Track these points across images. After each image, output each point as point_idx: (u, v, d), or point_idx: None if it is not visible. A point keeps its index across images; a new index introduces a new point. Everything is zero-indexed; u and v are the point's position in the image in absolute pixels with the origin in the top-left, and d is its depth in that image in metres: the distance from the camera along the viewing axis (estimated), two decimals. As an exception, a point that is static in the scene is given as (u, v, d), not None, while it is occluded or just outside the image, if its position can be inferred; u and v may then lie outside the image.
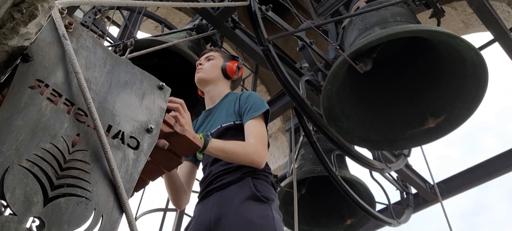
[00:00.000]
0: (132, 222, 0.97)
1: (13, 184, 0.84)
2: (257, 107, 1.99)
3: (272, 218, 1.80)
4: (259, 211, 1.80)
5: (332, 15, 3.34)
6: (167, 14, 5.50)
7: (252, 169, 1.90)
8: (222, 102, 2.15)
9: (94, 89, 1.05)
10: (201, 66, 2.22)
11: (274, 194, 1.92)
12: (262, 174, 1.94)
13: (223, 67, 2.20)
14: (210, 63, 2.23)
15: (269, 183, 1.94)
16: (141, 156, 1.07)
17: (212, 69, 2.20)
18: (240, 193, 1.85)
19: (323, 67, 3.07)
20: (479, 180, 4.15)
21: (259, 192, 1.84)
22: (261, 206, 1.82)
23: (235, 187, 1.88)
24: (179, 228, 3.72)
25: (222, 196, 1.88)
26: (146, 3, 2.27)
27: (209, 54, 2.27)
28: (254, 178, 1.89)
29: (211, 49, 2.33)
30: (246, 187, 1.86)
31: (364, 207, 3.44)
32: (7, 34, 0.91)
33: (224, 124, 2.03)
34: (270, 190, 1.91)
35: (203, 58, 2.27)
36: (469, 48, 2.30)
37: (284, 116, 5.29)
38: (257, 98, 2.06)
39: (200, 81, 2.21)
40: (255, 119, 1.95)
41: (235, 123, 2.00)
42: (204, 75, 2.19)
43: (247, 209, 1.79)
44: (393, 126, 2.75)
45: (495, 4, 4.61)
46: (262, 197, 1.84)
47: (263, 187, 1.88)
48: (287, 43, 5.34)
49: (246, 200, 1.82)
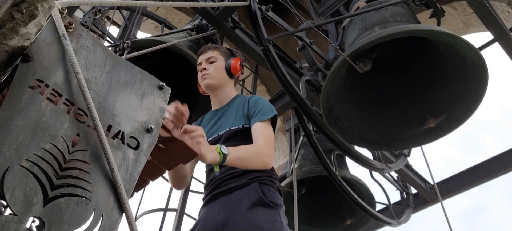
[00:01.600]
0: (132, 222, 0.97)
1: (13, 184, 0.84)
2: (266, 111, 1.98)
3: (280, 223, 1.80)
4: (267, 216, 1.79)
5: (332, 15, 3.33)
6: (167, 14, 5.50)
7: (259, 175, 1.90)
8: (230, 104, 2.12)
9: (94, 89, 1.05)
10: (206, 72, 2.13)
11: (281, 200, 1.92)
12: (269, 179, 1.93)
13: (227, 67, 2.16)
14: (214, 66, 2.15)
15: (276, 189, 1.94)
16: (141, 156, 1.07)
17: (218, 74, 2.14)
18: (247, 198, 1.84)
19: (323, 67, 3.07)
20: (479, 180, 4.15)
21: (266, 198, 1.84)
22: (269, 211, 1.81)
23: (242, 192, 1.87)
24: (179, 228, 3.72)
25: (229, 200, 1.88)
26: (146, 3, 2.27)
27: (209, 55, 2.18)
28: (262, 184, 1.89)
29: (208, 47, 2.23)
30: (254, 192, 1.85)
31: (364, 207, 3.44)
32: (7, 34, 0.91)
33: (233, 127, 2.02)
34: (277, 196, 1.91)
35: (204, 61, 2.18)
36: (469, 48, 2.31)
37: (284, 116, 5.29)
38: (266, 103, 2.05)
39: (209, 87, 2.14)
40: (263, 122, 1.94)
41: (243, 126, 2.00)
42: (213, 81, 2.13)
43: (255, 214, 1.79)
44: (393, 126, 2.75)
45: (495, 4, 4.61)
46: (270, 203, 1.83)
47: (270, 192, 1.88)
48: (287, 43, 5.34)
49: (254, 205, 1.81)
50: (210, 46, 2.27)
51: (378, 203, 4.00)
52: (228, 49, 2.29)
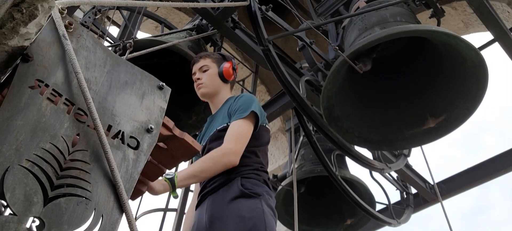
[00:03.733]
0: (132, 222, 0.97)
1: (13, 184, 0.84)
2: (245, 108, 2.01)
3: (262, 211, 1.81)
4: (249, 206, 1.82)
5: (332, 15, 3.33)
6: (167, 14, 5.49)
7: (243, 169, 1.92)
8: (222, 107, 2.18)
9: (94, 89, 1.05)
10: (200, 81, 2.20)
11: (266, 191, 1.93)
12: (253, 173, 1.95)
13: (220, 74, 2.21)
14: (206, 75, 2.21)
15: (260, 181, 1.95)
16: (141, 156, 1.07)
17: (211, 81, 2.20)
18: (229, 192, 1.87)
19: (323, 67, 3.07)
20: (479, 180, 4.15)
21: (247, 189, 1.86)
22: (251, 201, 1.84)
23: (225, 188, 1.90)
24: (179, 228, 3.72)
25: (215, 198, 1.91)
26: (146, 3, 2.28)
27: (201, 64, 2.24)
28: (243, 178, 1.91)
29: (200, 56, 2.29)
30: (235, 186, 1.88)
31: (364, 207, 3.44)
32: (7, 34, 0.91)
33: (219, 126, 2.06)
34: (260, 186, 1.92)
35: (198, 71, 2.24)
36: (469, 48, 2.30)
37: (284, 116, 5.29)
38: (247, 100, 2.07)
39: (204, 95, 2.22)
40: (240, 120, 1.97)
41: (227, 124, 2.03)
42: (207, 90, 2.20)
43: (237, 206, 1.82)
44: (393, 126, 2.75)
45: (495, 4, 4.60)
46: (251, 193, 1.86)
47: (251, 184, 1.90)
48: (287, 43, 5.34)
49: (235, 198, 1.84)
50: (201, 54, 2.32)
51: (378, 203, 3.99)
52: (219, 54, 2.36)
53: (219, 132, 2.04)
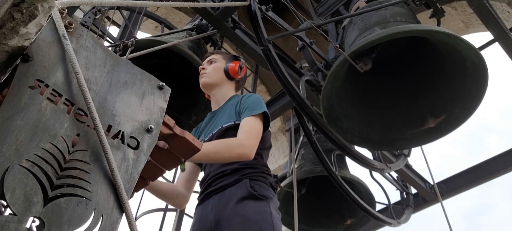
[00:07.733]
0: (132, 222, 0.97)
1: (13, 184, 0.84)
2: (256, 107, 2.00)
3: (270, 213, 1.81)
4: (256, 208, 1.81)
5: (332, 15, 3.33)
6: (167, 14, 5.50)
7: (251, 171, 1.91)
8: (226, 104, 2.16)
9: (94, 89, 1.04)
10: (204, 71, 2.23)
11: (272, 194, 1.93)
12: (261, 175, 1.95)
13: (225, 69, 2.21)
14: (212, 66, 2.23)
15: (267, 184, 1.95)
16: (141, 156, 1.07)
17: (215, 73, 2.21)
18: (237, 193, 1.86)
19: (323, 67, 3.07)
20: (480, 180, 4.14)
21: (255, 191, 1.85)
22: (258, 204, 1.83)
23: (233, 189, 1.89)
24: (179, 228, 3.73)
25: (221, 198, 1.90)
26: (146, 3, 2.28)
27: (210, 57, 2.28)
28: (252, 180, 1.90)
29: (212, 52, 2.34)
30: (243, 188, 1.87)
31: (364, 207, 3.44)
32: (7, 34, 0.91)
33: (225, 124, 2.05)
34: (268, 190, 1.92)
35: (206, 62, 2.28)
36: (469, 48, 2.31)
37: (284, 116, 5.29)
38: (258, 99, 2.07)
39: (205, 85, 2.22)
40: (251, 117, 1.96)
41: (235, 123, 2.01)
42: (208, 79, 2.20)
43: (244, 207, 1.81)
44: (393, 126, 2.75)
45: (495, 4, 4.61)
46: (259, 195, 1.85)
47: (260, 187, 1.89)
48: (287, 43, 5.34)
49: (243, 199, 1.83)
50: (214, 51, 2.35)
51: (378, 203, 4.00)
52: (233, 55, 2.38)
53: (226, 130, 2.01)
